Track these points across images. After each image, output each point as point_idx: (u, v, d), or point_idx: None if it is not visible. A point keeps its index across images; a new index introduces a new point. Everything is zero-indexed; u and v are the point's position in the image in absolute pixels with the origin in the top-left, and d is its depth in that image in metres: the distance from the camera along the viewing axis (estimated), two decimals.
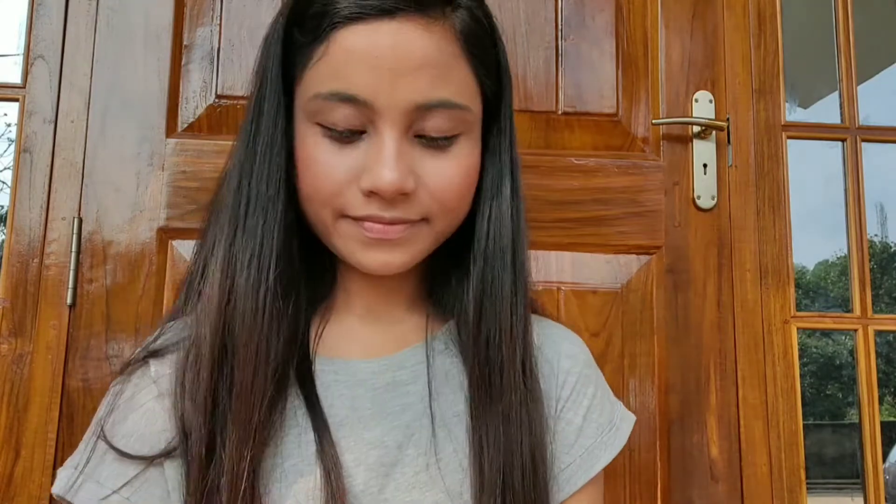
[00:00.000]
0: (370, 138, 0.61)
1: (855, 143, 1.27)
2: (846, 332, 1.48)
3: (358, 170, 0.61)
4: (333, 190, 0.61)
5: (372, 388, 0.66)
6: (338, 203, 0.62)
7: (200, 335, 0.62)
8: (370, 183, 0.60)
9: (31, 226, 1.08)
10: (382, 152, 0.60)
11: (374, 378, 0.67)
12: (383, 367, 0.68)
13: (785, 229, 1.21)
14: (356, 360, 0.68)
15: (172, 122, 1.13)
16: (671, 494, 1.13)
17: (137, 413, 0.63)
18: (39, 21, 1.13)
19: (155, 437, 0.62)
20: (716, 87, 1.23)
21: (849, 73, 1.29)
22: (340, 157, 0.61)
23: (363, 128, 0.61)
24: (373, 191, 0.60)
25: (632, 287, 1.17)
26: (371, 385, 0.66)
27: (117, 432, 0.62)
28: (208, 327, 0.62)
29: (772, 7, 1.26)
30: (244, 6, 1.17)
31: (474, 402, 0.66)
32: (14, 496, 1.02)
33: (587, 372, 0.73)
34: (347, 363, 0.67)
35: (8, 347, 1.06)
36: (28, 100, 1.11)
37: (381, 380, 0.67)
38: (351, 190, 0.61)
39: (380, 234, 0.62)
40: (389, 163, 0.60)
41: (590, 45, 1.22)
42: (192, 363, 0.62)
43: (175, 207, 1.10)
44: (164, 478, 0.61)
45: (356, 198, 0.61)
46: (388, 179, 0.59)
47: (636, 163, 1.20)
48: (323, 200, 0.62)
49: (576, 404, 0.71)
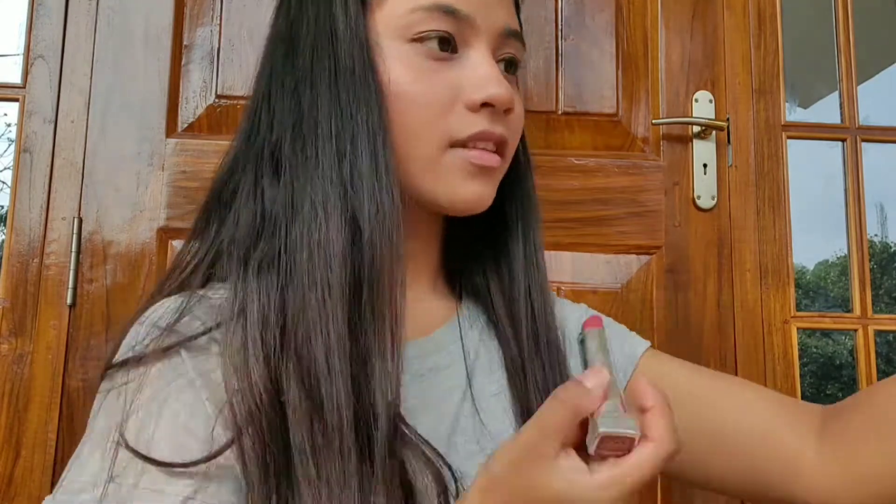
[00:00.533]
0: (464, 58, 0.60)
1: (855, 143, 1.27)
2: (846, 332, 1.48)
3: (458, 88, 0.60)
4: (440, 110, 0.59)
5: (417, 376, 0.62)
6: (444, 126, 0.59)
7: (319, 280, 0.54)
8: (484, 93, 0.59)
9: (31, 226, 1.08)
10: (487, 68, 0.60)
11: (418, 363, 0.63)
12: (424, 351, 0.64)
13: (785, 229, 1.21)
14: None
15: (172, 122, 1.13)
16: (671, 494, 1.13)
17: (174, 408, 0.52)
18: (39, 21, 1.13)
19: (205, 432, 0.51)
20: (716, 87, 1.23)
21: (849, 73, 1.29)
22: (441, 75, 0.60)
23: (456, 49, 0.60)
24: (487, 101, 0.59)
25: (632, 287, 1.17)
26: (416, 372, 0.62)
27: (153, 437, 0.51)
28: (331, 264, 0.54)
29: (772, 7, 1.26)
30: (244, 6, 1.17)
31: (513, 380, 0.65)
32: (14, 496, 1.02)
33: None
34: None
35: (8, 347, 1.06)
36: (28, 100, 1.11)
37: (423, 365, 0.64)
38: (456, 109, 0.60)
39: (487, 161, 0.60)
40: (499, 76, 0.60)
41: (590, 45, 1.22)
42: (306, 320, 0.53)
43: (175, 207, 1.10)
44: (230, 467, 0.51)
45: (463, 116, 0.60)
46: (502, 89, 0.59)
47: (636, 163, 1.20)
48: (431, 127, 0.59)
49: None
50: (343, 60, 0.59)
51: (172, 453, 0.50)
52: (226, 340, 0.54)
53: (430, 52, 0.59)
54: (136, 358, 0.54)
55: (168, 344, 0.54)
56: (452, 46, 0.60)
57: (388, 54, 0.59)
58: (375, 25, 0.60)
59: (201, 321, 0.56)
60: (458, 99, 0.59)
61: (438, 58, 0.59)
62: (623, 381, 0.70)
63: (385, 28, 0.60)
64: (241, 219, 0.60)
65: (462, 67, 0.60)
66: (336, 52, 0.59)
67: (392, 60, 0.59)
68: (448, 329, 0.67)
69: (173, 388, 0.53)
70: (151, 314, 0.57)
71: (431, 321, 0.67)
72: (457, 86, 0.60)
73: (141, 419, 0.51)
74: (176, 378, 0.53)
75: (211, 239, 0.62)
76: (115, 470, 0.50)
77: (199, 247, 0.62)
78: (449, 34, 0.59)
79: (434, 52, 0.59)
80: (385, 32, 0.60)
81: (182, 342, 0.54)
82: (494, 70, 0.60)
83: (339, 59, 0.59)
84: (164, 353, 0.53)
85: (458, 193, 0.61)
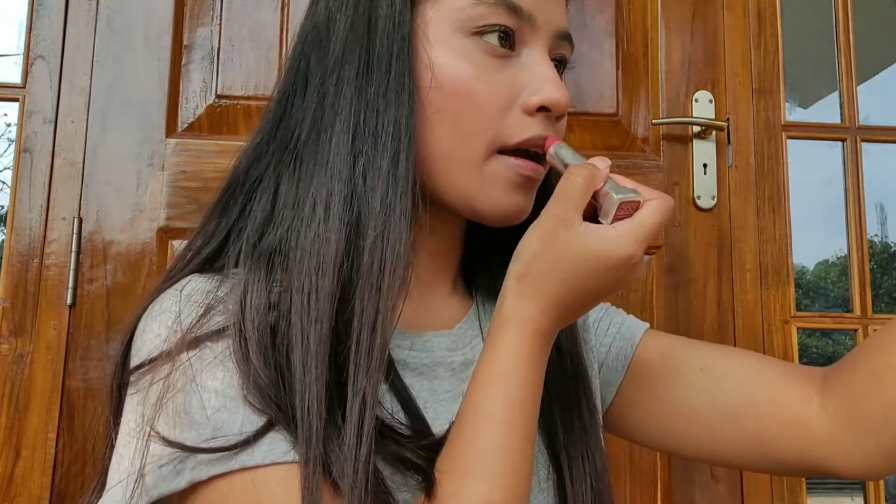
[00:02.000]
0: (522, 57, 0.58)
1: (855, 143, 1.27)
2: (846, 332, 1.48)
3: (517, 88, 0.57)
4: (498, 109, 0.57)
5: (450, 369, 0.61)
6: (497, 128, 0.57)
7: (308, 283, 0.52)
8: (544, 96, 0.57)
9: (31, 226, 1.08)
10: (546, 68, 0.58)
11: (452, 357, 0.62)
12: (455, 344, 0.63)
13: (785, 229, 1.21)
14: (429, 334, 0.62)
15: (172, 122, 1.13)
16: (671, 494, 1.13)
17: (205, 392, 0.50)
18: (39, 21, 1.13)
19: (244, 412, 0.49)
20: (716, 87, 1.23)
21: (849, 73, 1.29)
22: (501, 74, 0.57)
23: (514, 46, 0.58)
24: (545, 105, 0.57)
25: (632, 287, 1.17)
26: (449, 365, 0.62)
27: (186, 420, 0.49)
28: (323, 265, 0.52)
29: (772, 7, 1.26)
30: (244, 6, 1.17)
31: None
32: (14, 496, 1.02)
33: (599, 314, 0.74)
34: (420, 336, 0.62)
35: (8, 347, 1.06)
36: (28, 100, 1.11)
37: (457, 358, 0.62)
38: (514, 110, 0.57)
39: (533, 173, 0.58)
40: (557, 80, 0.58)
41: (590, 45, 1.22)
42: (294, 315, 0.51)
43: (175, 207, 1.10)
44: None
45: (518, 119, 0.57)
46: (562, 93, 0.57)
47: (636, 163, 1.20)
48: (483, 127, 0.57)
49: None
50: (378, 51, 0.56)
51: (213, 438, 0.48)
52: (233, 332, 0.52)
53: (490, 48, 0.57)
54: (166, 353, 0.51)
55: (196, 336, 0.51)
56: (511, 43, 0.58)
57: (445, 47, 0.57)
58: (426, 17, 0.57)
59: (225, 306, 0.54)
60: (515, 100, 0.57)
61: (498, 54, 0.57)
62: (624, 363, 0.71)
63: (443, 20, 0.57)
64: (257, 208, 0.59)
65: (519, 66, 0.58)
66: (371, 42, 0.57)
67: (449, 54, 0.57)
68: (467, 325, 0.66)
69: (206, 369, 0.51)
70: (187, 284, 0.54)
71: (452, 316, 0.65)
72: (515, 86, 0.57)
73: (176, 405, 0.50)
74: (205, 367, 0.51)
75: (211, 232, 0.60)
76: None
77: (206, 236, 0.60)
78: (510, 29, 0.57)
79: (494, 48, 0.57)
80: (442, 24, 0.57)
81: (208, 336, 0.52)
82: (553, 72, 0.58)
83: (373, 49, 0.56)
84: (196, 344, 0.51)
85: (501, 204, 0.58)
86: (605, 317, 0.74)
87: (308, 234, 0.54)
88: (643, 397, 0.70)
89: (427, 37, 0.57)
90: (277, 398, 0.50)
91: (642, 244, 0.52)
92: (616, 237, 0.52)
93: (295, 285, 0.52)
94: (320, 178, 0.55)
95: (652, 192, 0.54)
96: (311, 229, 0.54)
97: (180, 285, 0.55)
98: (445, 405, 0.59)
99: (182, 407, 0.49)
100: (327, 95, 0.57)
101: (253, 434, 0.48)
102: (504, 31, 0.57)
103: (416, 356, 0.61)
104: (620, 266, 0.52)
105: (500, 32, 0.57)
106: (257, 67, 1.15)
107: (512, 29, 0.57)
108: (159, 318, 0.54)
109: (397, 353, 0.59)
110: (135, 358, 0.54)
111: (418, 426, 0.56)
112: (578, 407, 0.64)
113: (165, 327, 0.53)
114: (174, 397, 0.50)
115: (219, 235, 0.59)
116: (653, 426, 0.70)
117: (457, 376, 0.62)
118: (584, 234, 0.52)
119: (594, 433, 0.64)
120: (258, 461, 0.47)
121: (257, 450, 0.48)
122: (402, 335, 0.60)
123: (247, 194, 0.60)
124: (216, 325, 0.52)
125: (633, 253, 0.52)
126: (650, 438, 0.71)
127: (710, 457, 0.68)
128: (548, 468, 0.62)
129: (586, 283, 0.52)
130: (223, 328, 0.52)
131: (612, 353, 0.72)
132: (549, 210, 0.53)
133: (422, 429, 0.56)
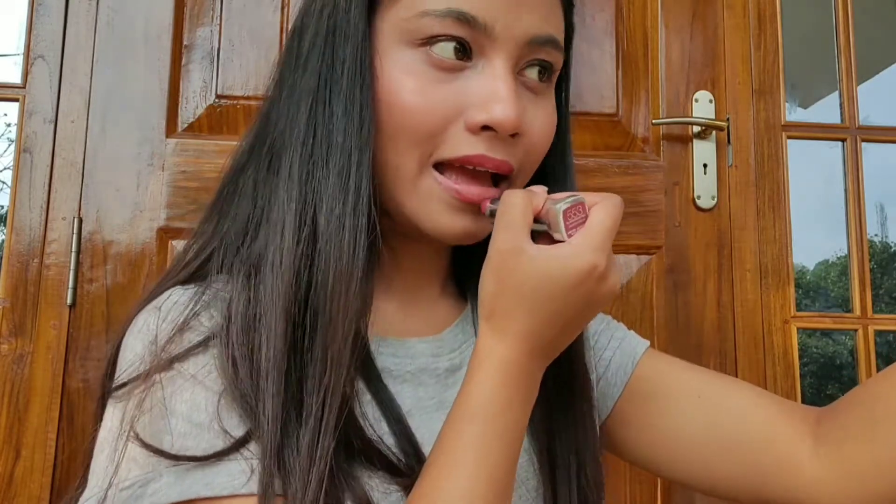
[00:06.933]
0: (478, 69, 0.55)
1: (855, 143, 1.27)
2: (846, 332, 1.48)
3: (462, 104, 0.54)
4: (434, 126, 0.54)
5: (435, 375, 0.60)
6: (433, 144, 0.54)
7: (268, 290, 0.52)
8: (487, 116, 0.53)
9: (31, 226, 1.08)
10: (499, 85, 0.54)
11: (437, 363, 0.61)
12: (438, 350, 0.62)
13: (785, 229, 1.21)
14: (413, 340, 0.61)
15: (172, 122, 1.13)
16: (671, 494, 1.13)
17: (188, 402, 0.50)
18: (39, 21, 1.13)
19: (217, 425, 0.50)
20: (716, 87, 1.23)
21: (849, 73, 1.29)
22: (445, 88, 0.54)
23: (470, 56, 0.55)
24: (488, 125, 0.54)
25: (632, 287, 1.17)
26: (433, 372, 0.61)
27: (173, 429, 0.49)
28: (281, 279, 0.52)
29: (772, 7, 1.26)
30: (244, 6, 1.17)
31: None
32: (14, 496, 1.02)
33: (601, 328, 0.74)
34: (404, 343, 0.61)
35: (8, 347, 1.06)
36: (28, 100, 1.11)
37: (442, 364, 0.61)
38: (454, 127, 0.54)
39: (471, 196, 0.55)
40: (509, 96, 0.53)
41: (590, 45, 1.22)
42: (255, 329, 0.52)
43: (175, 207, 1.10)
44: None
45: (459, 136, 0.54)
46: (508, 112, 0.53)
47: (636, 163, 1.20)
48: (416, 140, 0.54)
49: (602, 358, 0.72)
50: (335, 63, 0.55)
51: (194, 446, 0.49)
52: (219, 336, 0.52)
53: (436, 61, 0.54)
54: (144, 374, 0.51)
55: (171, 356, 0.52)
56: (468, 54, 0.55)
57: (390, 59, 0.55)
58: (379, 28, 0.55)
59: (209, 315, 0.54)
60: (458, 116, 0.54)
61: (446, 67, 0.54)
62: (623, 379, 0.70)
63: (392, 30, 0.55)
64: (238, 218, 0.59)
65: (475, 79, 0.55)
66: (333, 51, 0.55)
67: (393, 66, 0.54)
68: (458, 328, 0.65)
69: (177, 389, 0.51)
70: (165, 301, 0.54)
71: (441, 321, 0.65)
72: (460, 102, 0.54)
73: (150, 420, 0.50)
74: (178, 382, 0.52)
75: (209, 235, 0.60)
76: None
77: (203, 240, 0.60)
78: (464, 40, 0.54)
79: (442, 60, 0.54)
80: (391, 35, 0.55)
81: (183, 354, 0.52)
82: (505, 87, 0.54)
83: (331, 60, 0.55)
84: (169, 365, 0.51)
85: (442, 225, 0.56)
86: (606, 330, 0.73)
87: (272, 246, 0.54)
88: (638, 415, 0.69)
89: (377, 48, 0.55)
90: (256, 407, 0.49)
91: (601, 251, 0.49)
92: (571, 252, 0.49)
93: (262, 293, 0.52)
94: (278, 193, 0.55)
95: (594, 195, 0.52)
96: (275, 241, 0.54)
97: (159, 301, 0.55)
98: (429, 413, 0.59)
99: (149, 430, 0.49)
100: (292, 105, 0.57)
101: (212, 454, 0.48)
102: (459, 42, 0.54)
103: (399, 363, 0.60)
104: (585, 280, 0.49)
105: (456, 43, 0.54)
106: (257, 67, 1.15)
107: (465, 40, 0.54)
108: (139, 335, 0.54)
109: (381, 360, 0.58)
110: (119, 373, 0.54)
111: (402, 439, 0.55)
112: (583, 420, 0.63)
113: (143, 346, 0.52)
114: (146, 419, 0.50)
115: (210, 242, 0.59)
116: (644, 446, 0.69)
117: (441, 383, 0.61)
118: (536, 258, 0.49)
119: (592, 445, 0.64)
120: (217, 492, 0.47)
121: (217, 479, 0.47)
122: (386, 342, 0.60)
123: (232, 202, 0.60)
124: (190, 342, 0.52)
125: (595, 262, 0.49)
126: (640, 457, 0.70)
127: (699, 484, 0.67)
128: (537, 478, 0.61)
129: (554, 308, 0.50)
130: (199, 342, 0.52)
131: (612, 368, 0.71)
132: (495, 244, 0.51)
133: (405, 440, 0.55)
